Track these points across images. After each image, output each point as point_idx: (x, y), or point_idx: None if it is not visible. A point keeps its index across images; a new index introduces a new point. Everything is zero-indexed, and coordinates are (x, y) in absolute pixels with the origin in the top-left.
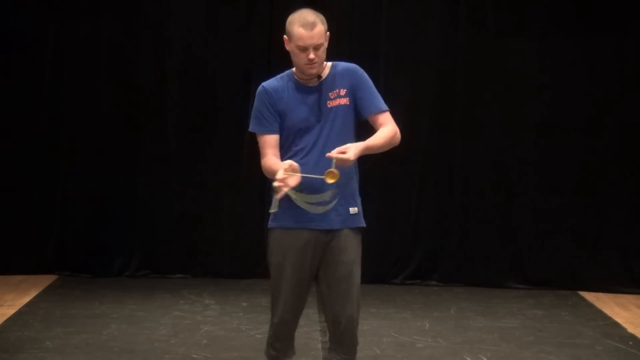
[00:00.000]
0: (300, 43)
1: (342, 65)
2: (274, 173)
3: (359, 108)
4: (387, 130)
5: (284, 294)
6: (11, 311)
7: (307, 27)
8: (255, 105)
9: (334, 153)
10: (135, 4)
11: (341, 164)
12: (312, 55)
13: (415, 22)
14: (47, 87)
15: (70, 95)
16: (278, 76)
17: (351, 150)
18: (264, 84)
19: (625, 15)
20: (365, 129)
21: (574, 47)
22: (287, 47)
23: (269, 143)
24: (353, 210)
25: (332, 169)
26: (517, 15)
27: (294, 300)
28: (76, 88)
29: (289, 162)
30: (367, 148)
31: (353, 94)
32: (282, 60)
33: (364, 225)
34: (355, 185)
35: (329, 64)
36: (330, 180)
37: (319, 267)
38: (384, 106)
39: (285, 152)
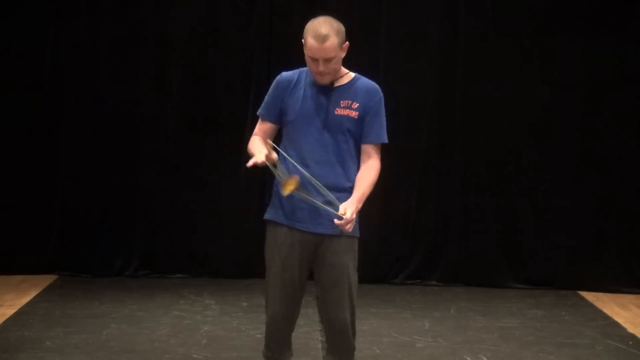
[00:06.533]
0: (310, 54)
1: (365, 81)
2: (251, 150)
3: (361, 132)
4: (370, 172)
5: (273, 291)
6: (11, 311)
7: (318, 40)
8: (269, 90)
9: (340, 222)
10: (135, 4)
11: (346, 227)
12: (321, 68)
13: (415, 22)
14: (47, 87)
15: (70, 95)
16: (299, 69)
17: (349, 209)
18: (283, 73)
19: (625, 15)
20: None
21: (574, 47)
22: (304, 50)
23: (261, 128)
24: None
25: (288, 180)
26: (517, 15)
27: (284, 299)
28: (76, 88)
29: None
30: (360, 200)
31: (364, 114)
32: (282, 60)
33: (358, 235)
34: (348, 194)
35: (352, 74)
36: (285, 192)
37: (312, 268)
38: (385, 138)
39: (287, 142)
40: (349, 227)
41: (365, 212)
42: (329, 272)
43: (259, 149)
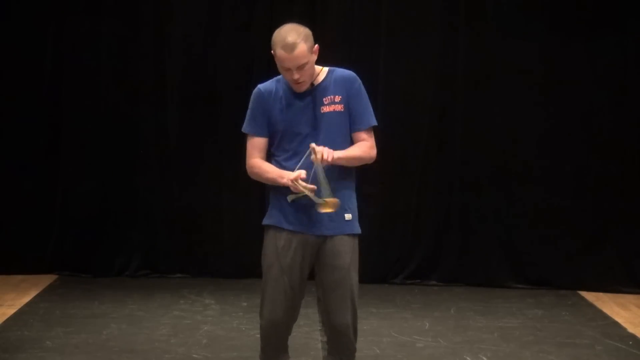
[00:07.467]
0: (282, 64)
1: (340, 72)
2: (264, 177)
3: (349, 120)
4: (365, 145)
5: (272, 295)
6: (11, 311)
7: (287, 49)
8: (249, 106)
9: (317, 148)
10: (135, 4)
11: (320, 158)
12: (296, 76)
13: (415, 23)
14: (47, 87)
15: (70, 95)
16: (275, 78)
17: (326, 151)
18: (260, 85)
19: (626, 15)
20: None
21: (575, 47)
22: (276, 62)
23: (256, 145)
24: (347, 216)
25: (330, 200)
26: (517, 16)
27: (284, 304)
28: (76, 88)
29: (297, 173)
30: (341, 158)
31: (348, 103)
32: None
33: (359, 232)
34: (350, 191)
35: (326, 69)
36: (322, 210)
37: (313, 270)
38: (373, 121)
39: (278, 154)
40: (326, 156)
41: (365, 212)
42: (330, 275)
43: (279, 174)
